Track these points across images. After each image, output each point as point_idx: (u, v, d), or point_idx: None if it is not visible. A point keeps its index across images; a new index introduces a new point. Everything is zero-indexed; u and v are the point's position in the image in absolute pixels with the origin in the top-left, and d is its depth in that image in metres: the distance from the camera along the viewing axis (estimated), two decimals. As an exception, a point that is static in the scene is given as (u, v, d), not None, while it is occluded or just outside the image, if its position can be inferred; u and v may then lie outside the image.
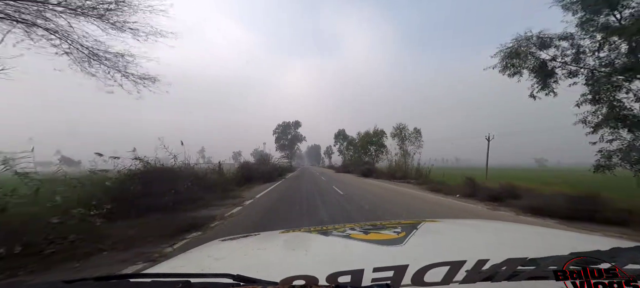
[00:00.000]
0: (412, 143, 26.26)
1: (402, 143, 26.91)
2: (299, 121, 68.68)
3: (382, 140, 36.85)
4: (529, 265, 0.60)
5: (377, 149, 36.65)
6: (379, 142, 36.83)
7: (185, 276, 0.61)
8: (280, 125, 67.66)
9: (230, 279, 0.60)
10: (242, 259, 1.00)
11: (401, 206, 8.24)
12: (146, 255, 3.85)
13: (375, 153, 37.14)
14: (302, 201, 9.20)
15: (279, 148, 64.81)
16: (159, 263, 1.09)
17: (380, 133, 37.11)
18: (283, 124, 67.62)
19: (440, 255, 0.80)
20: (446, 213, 7.21)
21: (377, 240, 1.03)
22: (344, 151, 56.47)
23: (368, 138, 37.80)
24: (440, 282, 0.57)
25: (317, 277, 0.62)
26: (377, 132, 37.22)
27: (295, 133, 67.67)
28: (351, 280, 0.61)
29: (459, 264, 0.62)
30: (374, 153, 37.13)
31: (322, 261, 0.89)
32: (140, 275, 0.66)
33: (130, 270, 3.28)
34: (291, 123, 67.73)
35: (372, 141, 37.37)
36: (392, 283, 0.57)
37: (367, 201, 8.98)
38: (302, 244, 1.17)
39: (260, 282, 0.59)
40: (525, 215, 6.54)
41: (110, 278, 0.66)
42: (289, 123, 67.89)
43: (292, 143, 67.35)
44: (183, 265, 0.98)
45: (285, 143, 66.37)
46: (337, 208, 7.92)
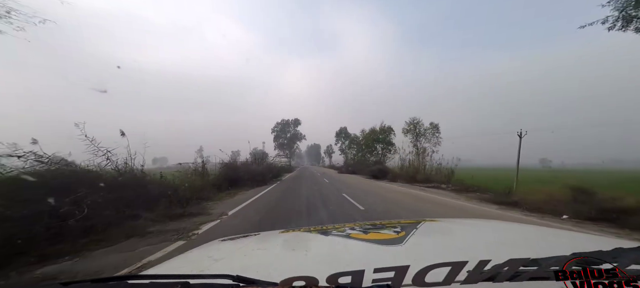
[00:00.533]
0: (428, 139, 22.64)
1: (417, 139, 23.26)
2: (299, 119, 65.68)
3: (390, 137, 33.26)
4: (531, 265, 0.59)
5: (385, 147, 33.03)
6: (387, 140, 33.20)
7: (184, 277, 0.60)
8: (279, 123, 64.85)
9: (230, 280, 0.60)
10: (242, 259, 1.00)
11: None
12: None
13: (382, 152, 33.56)
14: (301, 224, 5.42)
15: (278, 147, 62.01)
16: (158, 264, 1.05)
17: (387, 130, 33.45)
18: (282, 123, 64.76)
19: (441, 255, 0.87)
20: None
21: (377, 240, 1.02)
22: (346, 150, 53.30)
23: (374, 135, 34.11)
24: (441, 282, 0.57)
25: (317, 278, 0.61)
26: (384, 128, 33.55)
27: (295, 131, 64.95)
28: (352, 281, 0.60)
29: (461, 265, 0.61)
30: (381, 152, 33.55)
31: (322, 261, 0.89)
32: (139, 276, 0.65)
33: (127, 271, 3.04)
34: (290, 121, 64.86)
35: (379, 139, 33.71)
36: (392, 283, 0.57)
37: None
38: (302, 244, 1.16)
39: (260, 283, 0.60)
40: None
41: (107, 280, 0.63)
42: (288, 121, 64.99)
43: (291, 141, 64.82)
44: (182, 266, 0.98)
45: (284, 141, 63.81)
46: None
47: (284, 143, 63.72)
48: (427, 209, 7.30)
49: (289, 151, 63.19)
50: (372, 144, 33.60)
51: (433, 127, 23.15)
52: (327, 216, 6.32)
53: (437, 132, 22.58)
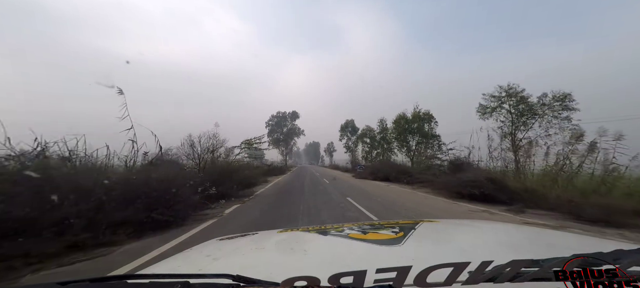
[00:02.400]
0: (549, 121, 11.66)
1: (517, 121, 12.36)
2: (297, 111, 56.65)
3: (431, 127, 22.50)
4: (533, 266, 0.59)
5: (423, 140, 22.29)
6: (424, 130, 22.46)
7: (184, 276, 0.60)
8: (274, 116, 56.00)
9: (230, 279, 0.60)
10: (241, 259, 1.00)
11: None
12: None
13: (416, 148, 22.83)
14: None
15: (273, 143, 52.87)
16: (156, 263, 1.02)
17: (425, 117, 22.67)
18: (277, 116, 56.05)
19: (442, 255, 0.89)
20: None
21: (376, 240, 1.02)
22: (353, 147, 42.82)
23: (405, 124, 23.31)
24: (443, 282, 0.56)
25: (319, 278, 0.59)
26: (420, 114, 22.76)
27: (292, 125, 56.35)
28: (353, 281, 0.59)
29: (463, 265, 0.59)
30: (415, 148, 22.80)
31: (321, 261, 0.90)
32: (138, 276, 0.64)
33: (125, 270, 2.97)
34: (287, 114, 56.18)
35: (412, 129, 22.95)
36: (394, 284, 0.57)
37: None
38: (301, 244, 1.14)
39: (261, 283, 0.59)
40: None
41: (106, 279, 0.62)
42: (284, 113, 56.16)
43: (288, 137, 56.57)
44: (180, 265, 0.96)
45: (280, 137, 55.52)
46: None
47: (280, 139, 55.27)
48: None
49: (285, 148, 55.38)
50: (405, 135, 22.79)
51: (558, 99, 11.72)
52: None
53: (565, 107, 11.36)
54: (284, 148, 55.96)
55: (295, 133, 56.86)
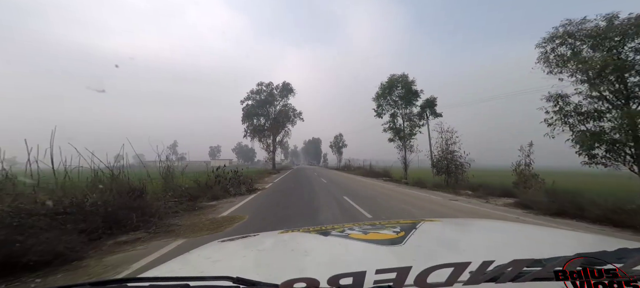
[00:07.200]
0: None
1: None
2: (290, 84, 36.10)
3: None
4: (535, 266, 0.58)
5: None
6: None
7: (183, 279, 0.60)
8: (255, 92, 34.92)
9: (230, 282, 0.60)
10: (241, 261, 1.00)
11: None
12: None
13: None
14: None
15: (252, 133, 34.88)
16: (156, 267, 0.99)
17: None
18: (259, 90, 35.01)
19: (442, 255, 0.90)
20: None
21: (377, 240, 1.02)
22: (406, 129, 20.40)
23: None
24: (443, 283, 0.56)
25: (318, 279, 0.59)
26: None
27: (285, 104, 35.81)
28: (353, 282, 0.59)
29: (464, 265, 0.59)
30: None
31: (322, 262, 0.90)
32: (138, 279, 0.64)
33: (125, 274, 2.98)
34: (275, 87, 35.57)
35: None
36: (394, 285, 0.57)
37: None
38: (302, 245, 1.15)
39: (260, 285, 0.60)
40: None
41: (106, 283, 0.63)
42: (270, 86, 35.43)
43: (277, 122, 35.34)
44: (180, 268, 0.96)
45: (264, 123, 35.14)
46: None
47: (265, 127, 35.14)
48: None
49: (273, 141, 35.93)
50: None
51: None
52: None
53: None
54: (273, 140, 35.72)
55: (287, 117, 35.76)
